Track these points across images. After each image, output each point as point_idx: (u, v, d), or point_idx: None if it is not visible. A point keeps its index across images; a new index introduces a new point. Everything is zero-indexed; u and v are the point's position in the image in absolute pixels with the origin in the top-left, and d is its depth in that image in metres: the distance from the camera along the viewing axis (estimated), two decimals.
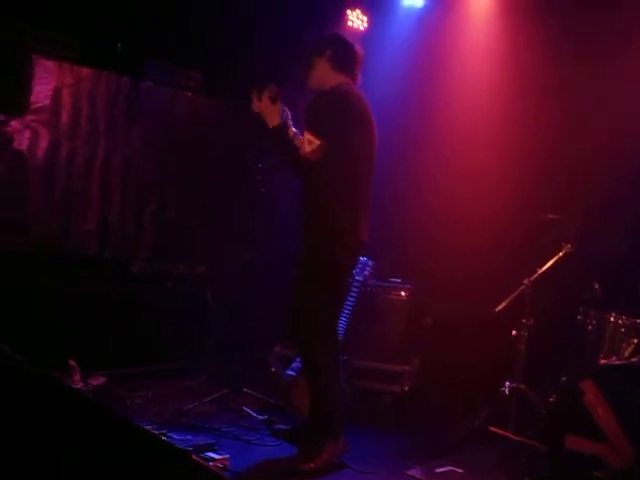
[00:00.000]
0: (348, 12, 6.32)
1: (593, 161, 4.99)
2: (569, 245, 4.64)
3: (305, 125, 3.96)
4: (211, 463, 3.80)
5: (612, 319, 4.37)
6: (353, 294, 5.09)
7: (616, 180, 4.91)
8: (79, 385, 4.90)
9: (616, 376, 3.79)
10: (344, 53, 4.16)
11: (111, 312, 5.66)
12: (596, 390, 3.75)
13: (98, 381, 5.14)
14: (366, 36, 6.25)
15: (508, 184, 5.16)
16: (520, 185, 5.19)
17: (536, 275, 4.69)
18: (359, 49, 4.22)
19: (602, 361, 4.11)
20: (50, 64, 5.60)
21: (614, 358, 4.14)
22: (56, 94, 5.64)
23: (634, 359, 4.05)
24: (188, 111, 6.45)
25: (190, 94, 6.45)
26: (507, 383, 4.69)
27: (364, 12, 6.35)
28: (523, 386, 4.65)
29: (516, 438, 4.38)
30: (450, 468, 4.25)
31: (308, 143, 3.90)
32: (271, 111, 3.99)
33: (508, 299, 4.66)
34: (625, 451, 3.66)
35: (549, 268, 4.68)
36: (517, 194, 5.19)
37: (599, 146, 4.93)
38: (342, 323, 4.89)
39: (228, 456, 3.97)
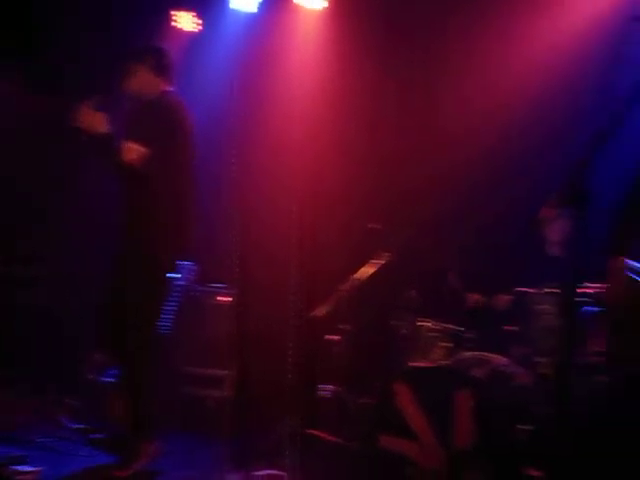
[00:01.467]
0: (175, 13, 6.21)
1: (421, 172, 5.20)
2: (388, 254, 4.82)
3: (129, 133, 4.02)
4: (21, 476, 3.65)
5: (424, 324, 4.60)
6: (176, 298, 5.04)
7: (441, 190, 5.16)
8: None
9: (427, 378, 3.98)
10: (164, 59, 4.35)
11: None
12: (408, 392, 3.93)
13: None
14: (196, 38, 6.19)
15: (336, 190, 5.28)
16: (348, 192, 5.32)
17: (354, 281, 4.83)
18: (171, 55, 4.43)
19: (413, 363, 4.31)
20: None
21: (424, 361, 4.35)
22: None
23: (444, 362, 4.29)
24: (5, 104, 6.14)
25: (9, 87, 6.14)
26: (326, 386, 4.80)
27: (195, 14, 6.27)
28: (341, 389, 4.77)
29: (333, 440, 4.49)
30: (270, 472, 4.30)
31: (132, 151, 3.97)
32: (97, 120, 3.97)
33: (326, 304, 4.78)
34: (435, 451, 3.85)
35: (367, 275, 4.84)
36: (345, 201, 5.31)
37: (430, 156, 5.17)
38: (165, 327, 4.83)
39: (40, 469, 3.81)
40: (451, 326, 4.59)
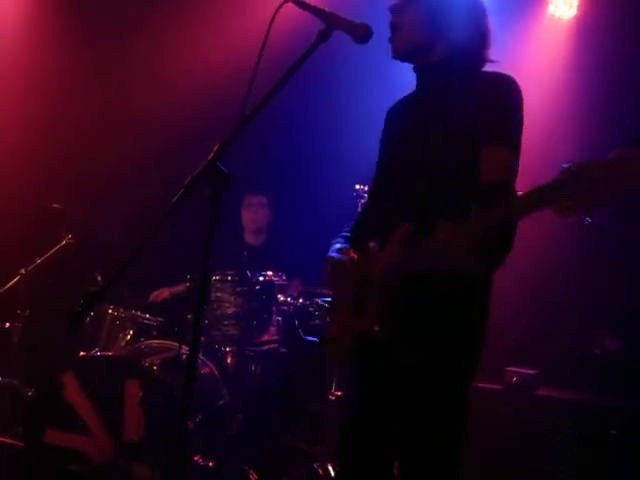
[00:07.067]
0: None
1: (106, 153, 4.96)
2: (70, 236, 4.53)
3: None
4: None
5: (110, 311, 4.38)
6: None
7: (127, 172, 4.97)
8: None
9: (96, 368, 3.76)
10: None
11: None
12: (77, 383, 3.70)
13: None
14: None
15: (10, 166, 4.91)
16: (22, 171, 4.97)
17: (33, 265, 4.50)
18: None
19: (83, 353, 4.07)
20: None
21: (96, 350, 4.14)
22: None
23: (117, 351, 4.10)
24: None
25: None
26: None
27: None
28: (16, 381, 4.42)
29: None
30: None
31: None
32: None
33: (1, 289, 4.41)
34: (105, 445, 3.65)
35: (48, 258, 4.52)
36: (19, 180, 4.96)
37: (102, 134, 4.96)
38: None
39: None
40: (138, 313, 4.42)
